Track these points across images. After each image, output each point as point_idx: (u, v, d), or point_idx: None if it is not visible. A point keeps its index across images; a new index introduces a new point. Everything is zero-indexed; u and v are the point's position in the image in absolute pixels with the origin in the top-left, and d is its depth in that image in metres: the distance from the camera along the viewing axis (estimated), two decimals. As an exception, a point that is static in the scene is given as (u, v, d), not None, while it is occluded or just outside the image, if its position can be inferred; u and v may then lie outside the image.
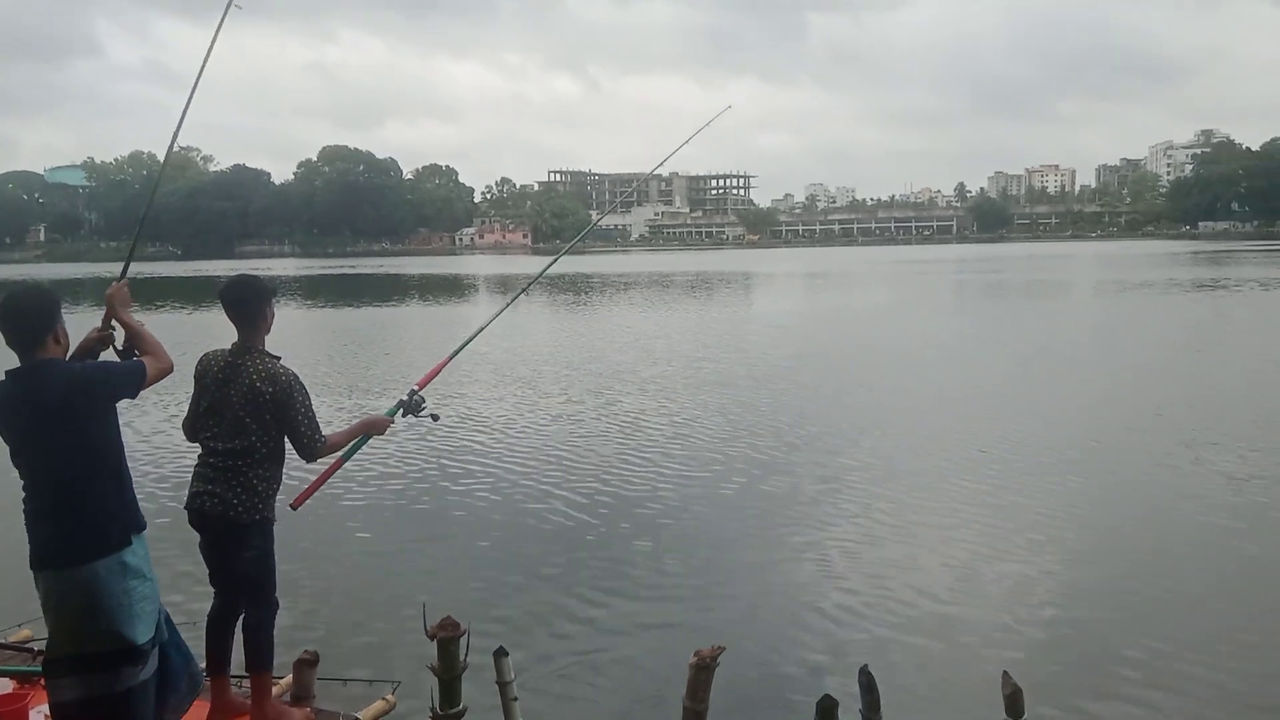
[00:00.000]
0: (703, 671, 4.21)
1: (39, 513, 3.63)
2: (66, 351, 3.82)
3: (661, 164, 5.41)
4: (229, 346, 4.35)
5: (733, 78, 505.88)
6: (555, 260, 8.91)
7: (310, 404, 4.32)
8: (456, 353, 5.25)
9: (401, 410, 4.78)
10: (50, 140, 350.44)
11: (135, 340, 4.04)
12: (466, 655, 4.44)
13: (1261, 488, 10.22)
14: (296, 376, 4.30)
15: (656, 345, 24.52)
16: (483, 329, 5.97)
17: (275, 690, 4.53)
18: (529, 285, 7.59)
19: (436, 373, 5.08)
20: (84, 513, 3.62)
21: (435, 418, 4.98)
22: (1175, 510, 9.62)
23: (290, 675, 4.72)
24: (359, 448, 4.68)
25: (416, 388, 4.85)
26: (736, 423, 14.23)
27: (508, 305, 6.93)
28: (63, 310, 3.80)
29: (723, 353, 22.73)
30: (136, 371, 3.84)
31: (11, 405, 3.65)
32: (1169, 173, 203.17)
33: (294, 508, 4.73)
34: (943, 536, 8.89)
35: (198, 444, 4.38)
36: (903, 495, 10.23)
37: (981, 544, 8.65)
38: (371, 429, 4.66)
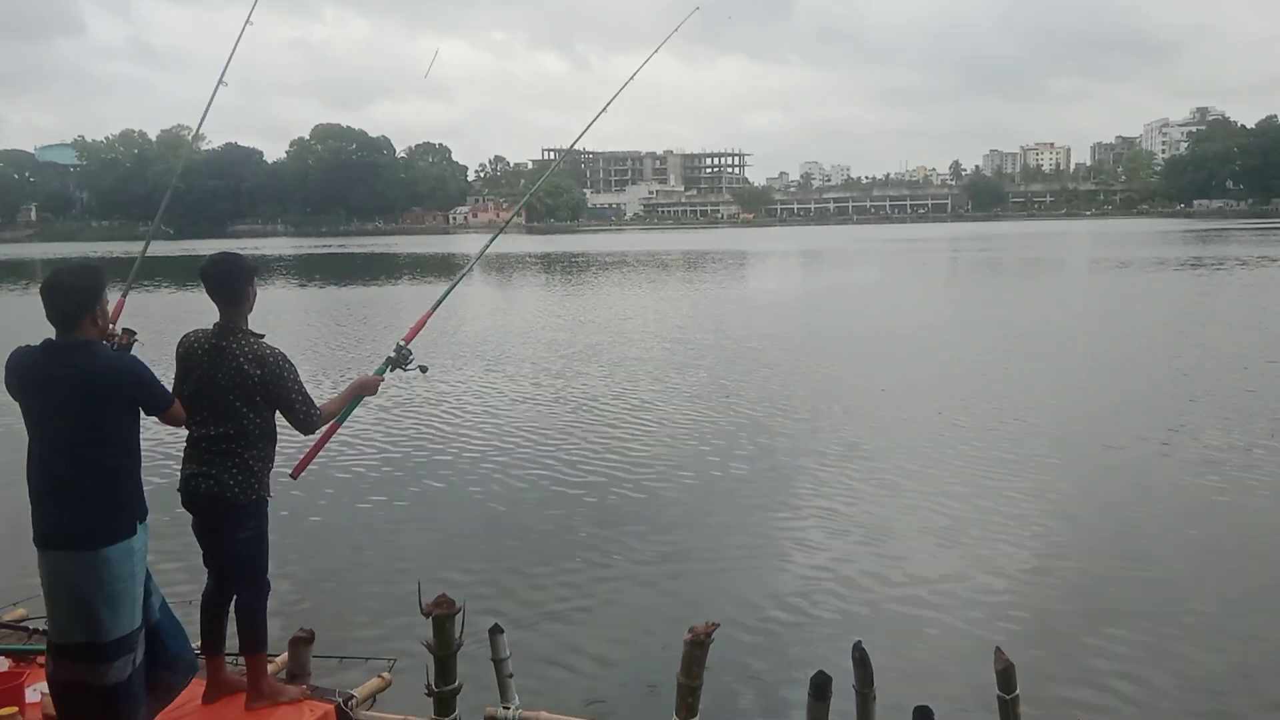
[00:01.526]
0: (697, 648, 4.23)
1: (53, 491, 3.61)
2: (104, 334, 3.82)
3: (581, 135, 5.43)
4: (210, 327, 4.29)
5: (721, 55, 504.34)
6: (506, 224, 8.88)
7: (299, 378, 4.30)
8: (438, 304, 5.27)
9: (390, 366, 4.78)
10: (36, 119, 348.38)
11: None
12: (462, 632, 4.46)
13: (1248, 465, 10.28)
14: (283, 354, 4.27)
15: (643, 325, 24.52)
16: (459, 279, 5.99)
17: (271, 668, 4.54)
18: (492, 240, 7.45)
19: (421, 326, 5.09)
20: (102, 497, 3.62)
21: (424, 369, 4.96)
22: (1162, 487, 9.68)
23: (285, 653, 4.73)
24: (353, 410, 4.68)
25: (403, 342, 4.85)
26: (725, 402, 14.26)
27: (476, 259, 6.97)
28: (105, 292, 3.79)
29: (708, 333, 22.74)
30: (168, 398, 3.91)
31: (39, 376, 3.63)
32: (1164, 151, 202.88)
33: (294, 477, 4.74)
34: (930, 513, 8.93)
35: (184, 428, 4.34)
36: (891, 473, 10.27)
37: (969, 520, 8.70)
38: (363, 390, 4.67)
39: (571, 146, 5.81)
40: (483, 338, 22.59)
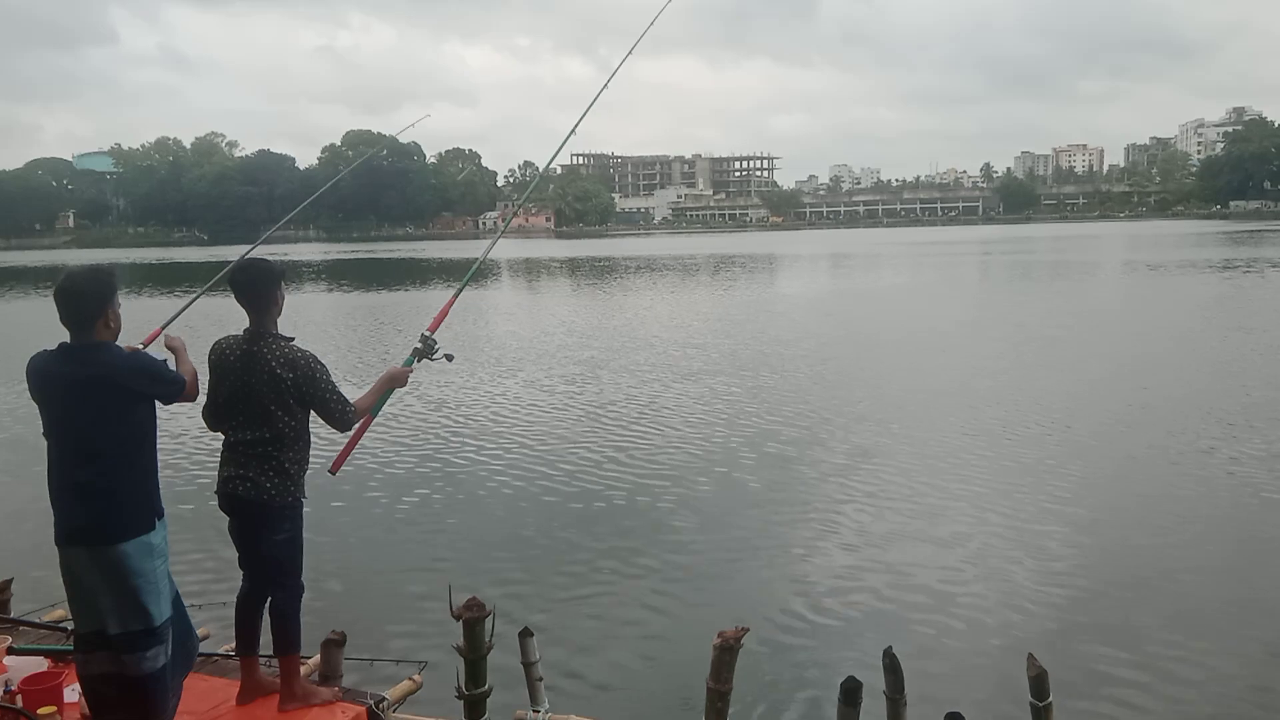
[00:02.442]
0: (726, 653, 4.23)
1: (72, 489, 3.69)
2: (116, 335, 3.87)
3: (566, 139, 5.35)
4: (241, 333, 4.34)
5: (745, 58, 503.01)
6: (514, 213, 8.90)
7: (331, 378, 4.35)
8: (458, 292, 5.30)
9: (417, 357, 4.80)
10: (71, 127, 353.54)
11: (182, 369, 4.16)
12: (492, 636, 4.48)
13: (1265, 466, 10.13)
14: (313, 355, 4.32)
15: (667, 331, 24.51)
16: (476, 265, 6.00)
17: (303, 670, 4.58)
18: (505, 227, 7.49)
19: (444, 315, 5.11)
20: (119, 495, 3.69)
21: (449, 358, 4.93)
22: (1189, 495, 9.55)
23: (318, 655, 4.77)
24: (385, 402, 4.73)
25: (428, 332, 4.87)
26: (751, 409, 14.22)
27: (493, 244, 6.97)
28: (118, 295, 3.85)
29: (737, 338, 22.68)
30: (179, 381, 3.92)
31: (55, 379, 3.72)
32: (1199, 151, 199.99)
33: (332, 473, 4.76)
34: (957, 518, 8.88)
35: (220, 433, 4.39)
36: (918, 478, 10.22)
37: (996, 525, 8.63)
38: (393, 382, 4.69)
39: (559, 149, 5.71)
40: (514, 342, 22.64)
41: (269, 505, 4.23)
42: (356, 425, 4.51)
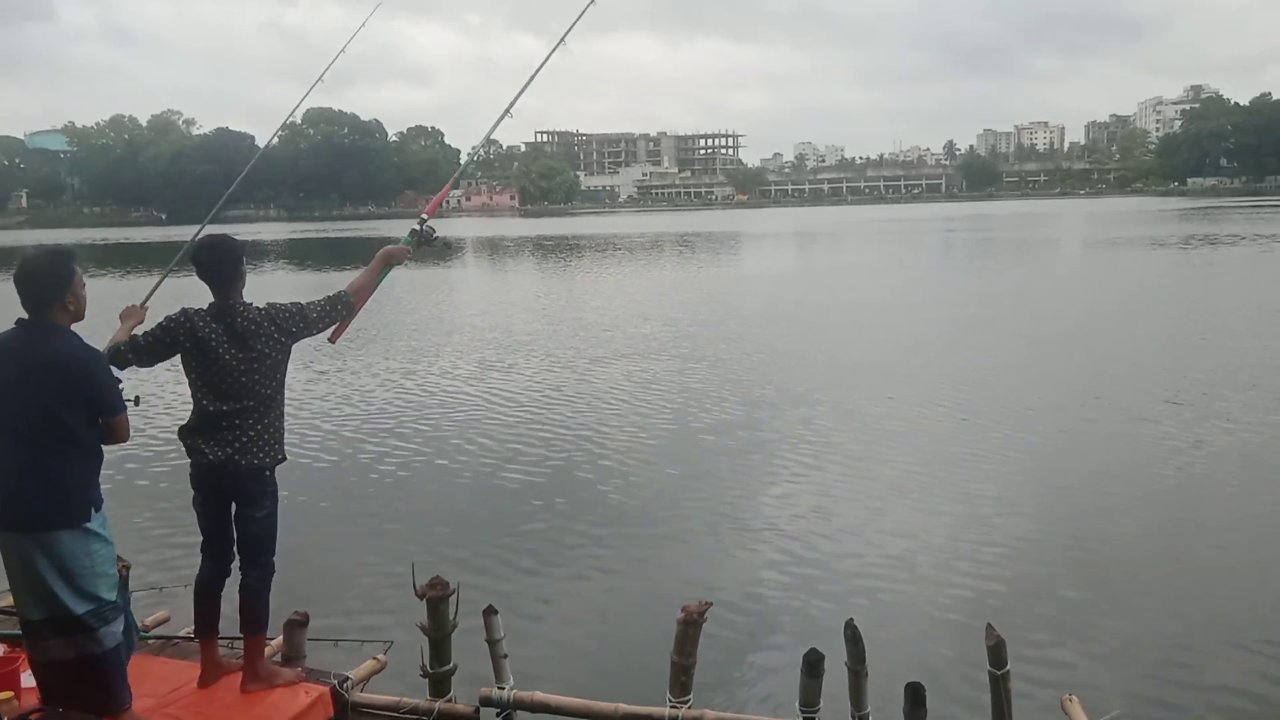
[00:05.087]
0: (690, 627, 4.26)
1: (10, 474, 3.63)
2: (77, 319, 3.80)
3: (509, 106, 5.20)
4: (206, 307, 4.29)
5: (702, 36, 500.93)
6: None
7: (302, 300, 4.42)
8: (455, 179, 5.30)
9: (415, 238, 4.79)
10: (18, 106, 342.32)
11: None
12: (456, 614, 4.48)
13: (1212, 438, 10.34)
14: (273, 302, 4.35)
15: (629, 311, 24.52)
16: (471, 157, 6.02)
17: (266, 651, 4.56)
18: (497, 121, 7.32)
19: (440, 199, 5.26)
20: (54, 483, 3.63)
21: (448, 244, 4.98)
22: (1144, 459, 9.74)
23: (280, 636, 4.75)
24: (383, 279, 4.72)
25: (425, 215, 4.90)
26: (713, 387, 14.28)
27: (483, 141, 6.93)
28: (79, 275, 3.78)
29: (692, 318, 22.74)
30: (118, 405, 3.79)
31: (5, 361, 3.65)
32: (1158, 129, 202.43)
33: (332, 341, 4.75)
34: (912, 490, 9.01)
35: (202, 406, 4.30)
36: (871, 450, 10.39)
37: (957, 497, 8.77)
38: (390, 259, 4.69)
39: (498, 122, 5.41)
40: (473, 323, 22.56)
41: (251, 469, 4.19)
42: (355, 305, 4.53)
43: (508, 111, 5.36)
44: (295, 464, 9.94)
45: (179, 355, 4.30)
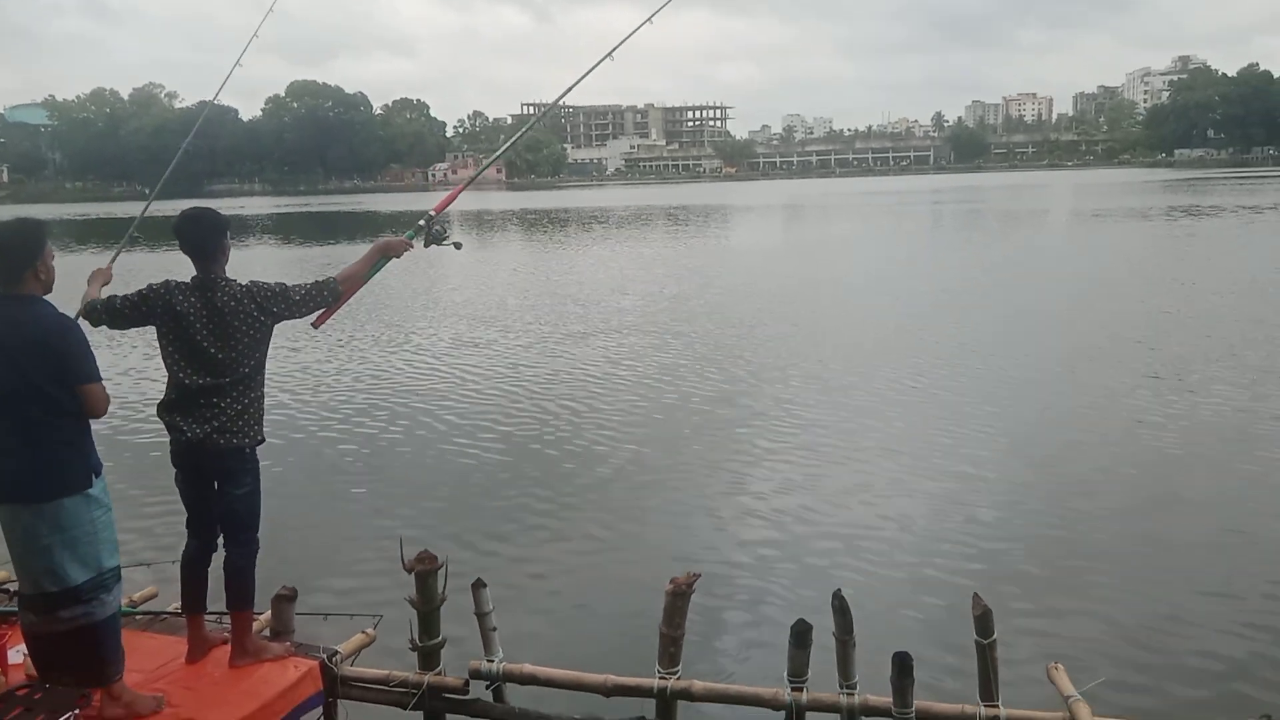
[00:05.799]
0: (679, 598, 4.27)
1: (2, 445, 3.60)
2: (47, 289, 3.76)
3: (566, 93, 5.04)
4: (189, 281, 4.23)
5: (685, 9, 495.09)
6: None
7: (286, 281, 4.32)
8: (472, 180, 5.15)
9: (423, 238, 4.58)
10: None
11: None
12: (445, 587, 4.48)
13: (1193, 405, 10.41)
14: (255, 280, 4.28)
15: (618, 285, 24.47)
16: (501, 152, 5.92)
17: (254, 626, 4.55)
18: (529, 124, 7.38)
19: (452, 199, 4.95)
20: (48, 451, 3.61)
21: (458, 246, 4.70)
22: (1126, 430, 9.80)
23: (269, 611, 4.74)
24: (378, 270, 4.57)
25: (434, 213, 4.62)
26: (700, 360, 14.30)
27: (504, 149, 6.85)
28: (49, 246, 3.73)
29: (681, 293, 22.71)
30: (92, 373, 3.71)
31: None
32: (1146, 100, 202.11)
33: (315, 326, 4.64)
34: (898, 464, 9.06)
35: (178, 380, 4.24)
36: (857, 424, 10.43)
37: (944, 467, 8.81)
38: (388, 250, 4.51)
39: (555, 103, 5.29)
40: (459, 299, 22.48)
41: (232, 448, 4.15)
42: (343, 294, 4.43)
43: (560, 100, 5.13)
44: (284, 438, 9.93)
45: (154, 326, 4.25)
